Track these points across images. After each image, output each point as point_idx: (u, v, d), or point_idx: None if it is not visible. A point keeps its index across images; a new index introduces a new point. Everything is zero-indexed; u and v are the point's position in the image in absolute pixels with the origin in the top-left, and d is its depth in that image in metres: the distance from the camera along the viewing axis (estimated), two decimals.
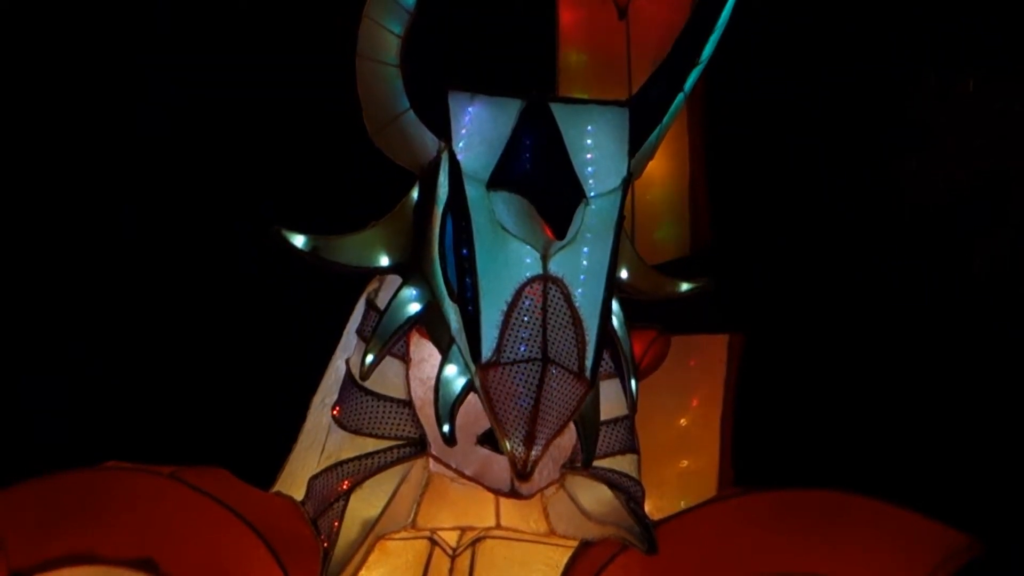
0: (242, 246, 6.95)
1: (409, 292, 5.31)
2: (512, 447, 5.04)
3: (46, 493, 5.40)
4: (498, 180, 5.18)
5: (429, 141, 5.30)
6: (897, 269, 8.04)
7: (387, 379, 5.38)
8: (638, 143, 5.37)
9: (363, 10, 5.24)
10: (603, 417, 5.37)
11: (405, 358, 5.39)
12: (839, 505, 5.52)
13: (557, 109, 5.30)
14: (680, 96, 5.48)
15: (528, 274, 5.13)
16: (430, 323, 5.29)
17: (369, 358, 5.29)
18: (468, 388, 5.13)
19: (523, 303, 5.10)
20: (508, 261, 5.13)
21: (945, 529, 5.48)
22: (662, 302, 5.69)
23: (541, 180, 5.20)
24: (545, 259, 5.15)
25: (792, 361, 7.66)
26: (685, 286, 5.66)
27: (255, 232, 5.44)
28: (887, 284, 8.01)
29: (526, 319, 5.09)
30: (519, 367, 5.06)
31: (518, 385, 5.04)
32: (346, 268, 5.41)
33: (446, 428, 5.15)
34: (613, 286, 5.25)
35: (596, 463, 5.39)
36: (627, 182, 5.32)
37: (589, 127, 5.30)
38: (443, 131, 5.25)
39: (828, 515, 5.50)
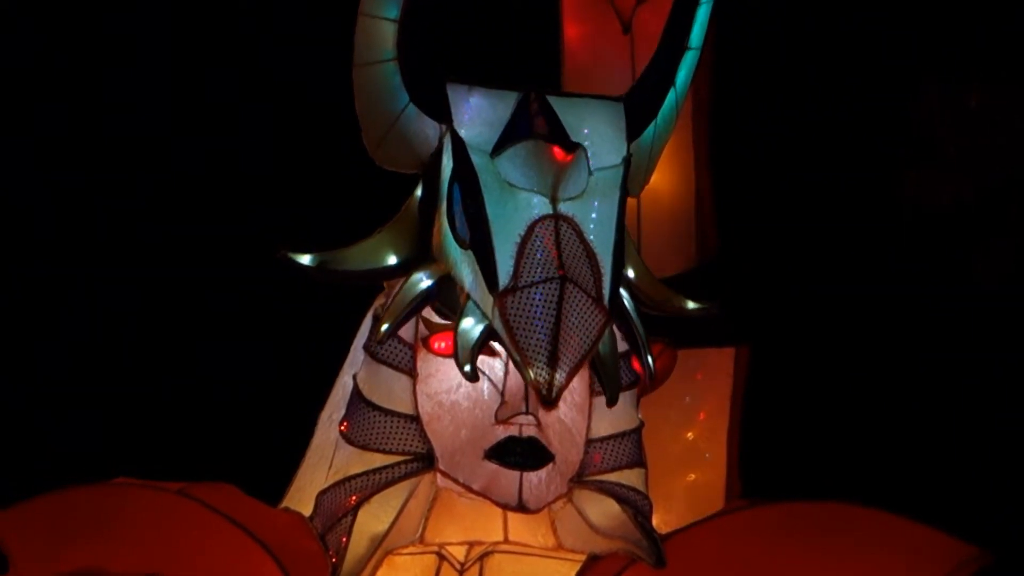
0: (248, 262, 6.96)
1: (419, 275, 5.32)
2: (536, 374, 4.96)
3: (54, 509, 5.40)
4: (502, 147, 5.19)
5: (430, 131, 5.31)
6: (903, 280, 8.04)
7: (394, 394, 5.38)
8: (635, 134, 5.39)
9: (358, 10, 5.23)
10: (611, 431, 5.37)
11: (412, 373, 5.40)
12: (847, 517, 5.50)
13: (554, 101, 5.33)
14: (673, 91, 5.48)
15: (538, 213, 5.13)
16: (443, 295, 5.28)
17: (384, 327, 5.28)
18: (487, 334, 5.10)
19: (535, 238, 5.09)
20: (518, 207, 5.13)
21: (954, 540, 5.46)
22: (668, 316, 5.68)
23: (544, 139, 5.20)
24: (555, 203, 5.15)
25: (799, 374, 7.66)
26: (691, 305, 5.65)
27: (261, 251, 5.45)
28: (893, 295, 8.01)
29: (539, 250, 5.07)
30: (537, 288, 5.01)
31: (537, 306, 4.99)
32: (355, 275, 5.40)
33: (467, 368, 5.11)
34: (623, 239, 5.24)
35: (603, 477, 5.39)
36: (627, 161, 5.32)
37: (586, 118, 5.33)
38: (444, 115, 5.26)
39: (836, 527, 5.49)
